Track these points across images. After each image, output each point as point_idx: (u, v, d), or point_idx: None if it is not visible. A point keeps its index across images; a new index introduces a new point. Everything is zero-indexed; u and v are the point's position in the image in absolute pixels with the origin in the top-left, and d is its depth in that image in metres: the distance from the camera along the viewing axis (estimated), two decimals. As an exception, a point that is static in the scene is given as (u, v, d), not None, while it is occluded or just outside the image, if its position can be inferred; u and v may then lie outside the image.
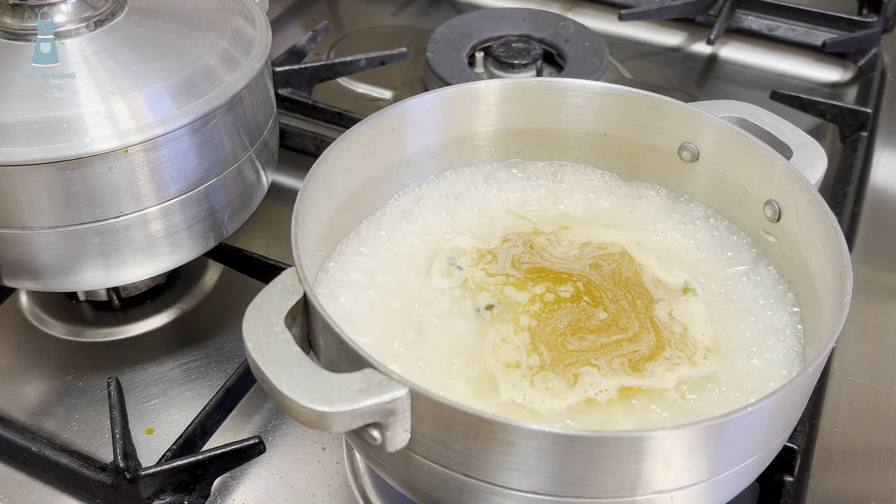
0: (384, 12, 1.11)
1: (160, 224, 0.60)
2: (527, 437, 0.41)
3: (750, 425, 0.43)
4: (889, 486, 0.60)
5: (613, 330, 0.54)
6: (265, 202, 0.69)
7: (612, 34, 1.07)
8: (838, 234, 0.50)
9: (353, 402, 0.40)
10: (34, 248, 0.58)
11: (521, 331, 0.53)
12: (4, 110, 0.54)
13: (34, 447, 0.58)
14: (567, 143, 0.65)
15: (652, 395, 0.50)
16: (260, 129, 0.65)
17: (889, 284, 0.76)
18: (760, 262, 0.59)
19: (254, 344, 0.43)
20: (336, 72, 0.90)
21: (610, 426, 0.48)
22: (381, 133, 0.59)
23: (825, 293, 0.51)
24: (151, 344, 0.69)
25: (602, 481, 0.42)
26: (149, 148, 0.56)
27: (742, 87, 1.00)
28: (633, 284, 0.57)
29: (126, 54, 0.58)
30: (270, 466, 0.60)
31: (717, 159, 0.61)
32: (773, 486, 0.58)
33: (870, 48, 1.01)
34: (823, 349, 0.45)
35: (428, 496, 0.47)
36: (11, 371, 0.66)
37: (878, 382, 0.66)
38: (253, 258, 0.70)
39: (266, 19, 0.67)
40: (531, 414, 0.49)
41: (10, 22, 0.59)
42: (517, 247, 0.59)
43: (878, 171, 0.87)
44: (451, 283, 0.56)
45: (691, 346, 0.53)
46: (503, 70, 0.94)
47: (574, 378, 0.51)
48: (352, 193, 0.58)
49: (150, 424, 0.63)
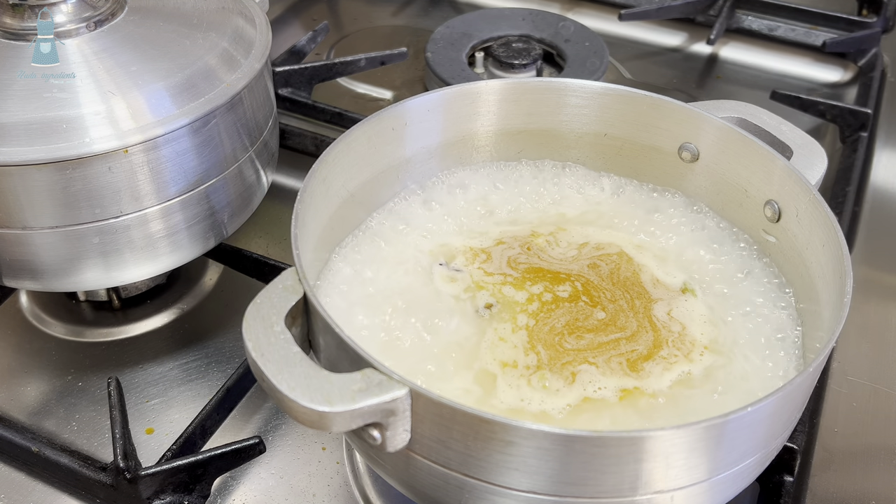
0: (384, 12, 1.11)
1: (160, 224, 0.60)
2: (527, 437, 0.41)
3: (750, 425, 0.43)
4: (889, 486, 0.60)
5: (611, 329, 0.54)
6: (265, 202, 0.69)
7: (612, 34, 1.07)
8: (838, 234, 0.50)
9: (353, 402, 0.40)
10: (34, 248, 0.58)
11: (518, 330, 0.53)
12: (4, 110, 0.54)
13: (34, 447, 0.58)
14: (567, 144, 0.65)
15: (650, 394, 0.50)
16: (260, 129, 0.65)
17: (889, 284, 0.76)
18: (760, 262, 0.59)
19: (254, 344, 0.43)
20: (336, 72, 0.90)
21: (609, 426, 0.48)
22: (381, 133, 0.59)
23: (825, 293, 0.51)
24: (151, 344, 0.69)
25: (602, 481, 0.42)
26: (149, 148, 0.56)
27: (742, 87, 1.00)
28: (631, 284, 0.57)
29: (126, 54, 0.58)
30: (270, 466, 0.60)
31: (717, 159, 0.61)
32: (773, 486, 0.58)
33: (870, 48, 1.01)
34: (823, 349, 0.45)
35: (428, 496, 0.47)
36: (11, 371, 0.66)
37: (878, 382, 0.67)
38: (253, 258, 0.70)
39: (266, 19, 0.67)
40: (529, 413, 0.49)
41: (10, 22, 0.59)
42: (513, 248, 0.59)
43: (878, 171, 0.87)
44: (454, 288, 0.56)
45: (689, 344, 0.53)
46: (503, 70, 0.94)
47: (572, 376, 0.51)
48: (352, 193, 0.58)
49: (150, 424, 0.63)
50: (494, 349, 0.52)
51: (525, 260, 0.58)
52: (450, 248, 0.59)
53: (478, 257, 0.58)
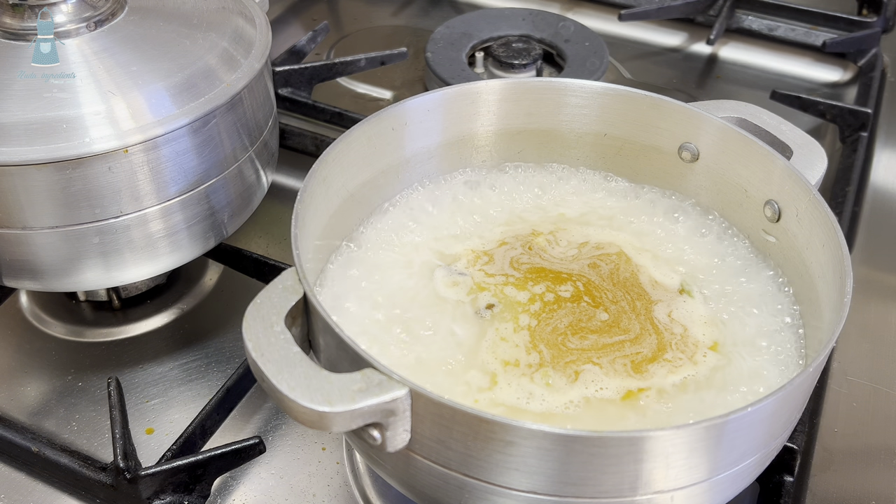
0: (384, 12, 1.11)
1: (160, 224, 0.60)
2: (527, 437, 0.41)
3: (750, 425, 0.43)
4: (889, 486, 0.60)
5: (615, 331, 0.54)
6: (265, 202, 0.69)
7: (612, 34, 1.07)
8: (838, 234, 0.50)
9: (353, 402, 0.40)
10: (34, 248, 0.58)
11: (520, 330, 0.53)
12: (4, 110, 0.54)
13: (34, 447, 0.58)
14: (567, 144, 0.65)
15: (653, 395, 0.50)
16: (260, 129, 0.65)
17: (889, 284, 0.76)
18: (760, 263, 0.59)
19: (254, 344, 0.43)
20: (336, 72, 0.90)
21: (610, 426, 0.48)
22: (381, 133, 0.59)
23: (825, 293, 0.51)
24: (151, 344, 0.69)
25: (602, 481, 0.42)
26: (149, 148, 0.56)
27: (742, 87, 1.00)
28: (631, 285, 0.57)
29: (126, 54, 0.58)
30: (270, 466, 0.60)
31: (717, 159, 0.61)
32: (773, 486, 0.58)
33: (870, 48, 1.01)
34: (823, 349, 0.45)
35: (428, 496, 0.47)
36: (11, 371, 0.66)
37: (878, 382, 0.66)
38: (253, 258, 0.70)
39: (266, 19, 0.67)
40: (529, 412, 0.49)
41: (10, 22, 0.59)
42: (515, 249, 0.59)
43: (878, 171, 0.87)
44: (454, 289, 0.56)
45: (692, 346, 0.53)
46: (503, 70, 0.94)
47: (575, 375, 0.51)
48: (352, 193, 0.58)
49: (150, 424, 0.63)
50: (495, 348, 0.52)
51: (527, 260, 0.58)
52: (450, 249, 0.59)
53: (479, 259, 0.58)
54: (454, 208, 0.63)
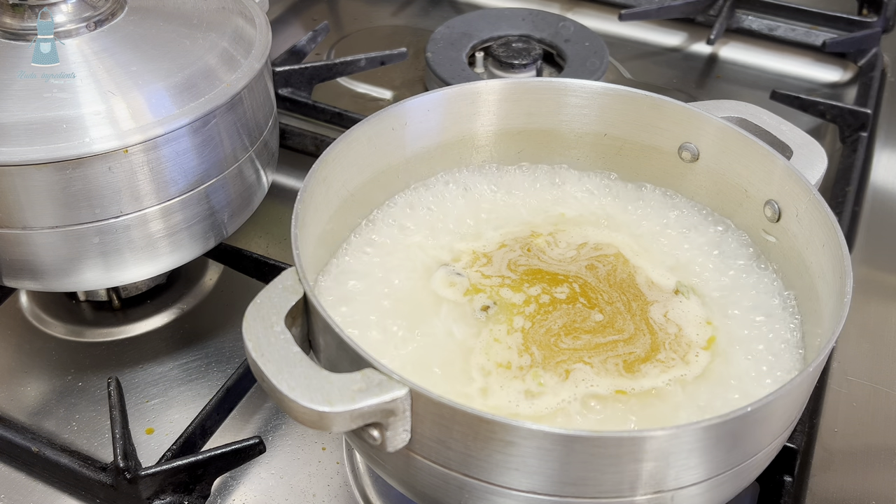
0: (384, 12, 1.11)
1: (160, 224, 0.60)
2: (527, 437, 0.41)
3: (750, 425, 0.43)
4: (889, 486, 0.60)
5: (609, 331, 0.54)
6: (265, 202, 0.69)
7: (612, 34, 1.07)
8: (838, 234, 0.50)
9: (353, 402, 0.40)
10: (34, 248, 0.58)
11: (513, 332, 0.53)
12: (4, 110, 0.54)
13: (34, 447, 0.58)
14: (567, 144, 0.65)
15: (647, 395, 0.50)
16: (260, 129, 0.65)
17: (889, 284, 0.76)
18: (760, 263, 0.59)
19: (254, 344, 0.43)
20: (336, 72, 0.90)
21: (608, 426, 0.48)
22: (381, 133, 0.59)
23: (825, 293, 0.51)
24: (151, 344, 0.69)
25: (602, 481, 0.42)
26: (149, 148, 0.56)
27: (742, 87, 1.00)
28: (627, 286, 0.57)
29: (126, 54, 0.58)
30: (270, 466, 0.60)
31: (717, 159, 0.61)
32: (773, 486, 0.58)
33: (870, 48, 1.01)
34: (823, 349, 0.45)
35: (428, 496, 0.47)
36: (11, 371, 0.66)
37: (878, 382, 0.66)
38: (253, 258, 0.70)
39: (266, 19, 0.67)
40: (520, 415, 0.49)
41: (10, 22, 0.59)
42: (514, 251, 0.59)
43: (878, 171, 0.87)
44: (452, 290, 0.56)
45: (685, 346, 0.53)
46: (503, 70, 0.94)
47: (566, 373, 0.50)
48: (352, 193, 0.58)
49: (150, 424, 0.63)
50: (489, 350, 0.52)
51: (525, 262, 0.58)
52: (450, 249, 0.59)
53: (478, 260, 0.58)
54: (454, 208, 0.62)
